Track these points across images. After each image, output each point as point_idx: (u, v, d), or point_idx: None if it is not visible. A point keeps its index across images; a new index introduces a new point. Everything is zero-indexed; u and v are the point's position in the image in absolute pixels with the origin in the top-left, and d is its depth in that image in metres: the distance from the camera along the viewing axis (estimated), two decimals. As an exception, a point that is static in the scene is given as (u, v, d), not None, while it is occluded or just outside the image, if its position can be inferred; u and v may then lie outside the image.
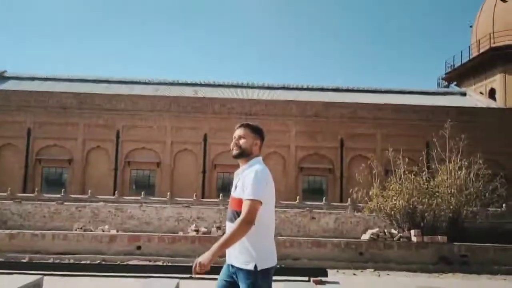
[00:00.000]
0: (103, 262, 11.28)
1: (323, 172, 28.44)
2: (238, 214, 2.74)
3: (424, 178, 13.76)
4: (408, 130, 27.69)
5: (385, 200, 13.60)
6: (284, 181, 28.10)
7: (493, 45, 31.03)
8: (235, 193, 2.87)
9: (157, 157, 27.88)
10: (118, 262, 11.24)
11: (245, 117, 28.10)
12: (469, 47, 34.67)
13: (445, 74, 37.99)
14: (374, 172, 14.81)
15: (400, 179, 14.45)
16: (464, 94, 34.08)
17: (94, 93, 28.39)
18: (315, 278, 8.80)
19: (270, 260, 2.80)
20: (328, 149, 28.24)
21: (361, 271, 11.06)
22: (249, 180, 2.76)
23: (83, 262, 10.49)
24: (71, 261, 11.20)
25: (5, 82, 32.41)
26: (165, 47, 78.80)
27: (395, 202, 13.51)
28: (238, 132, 3.03)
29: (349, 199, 15.40)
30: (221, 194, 22.36)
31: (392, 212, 13.38)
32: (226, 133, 28.01)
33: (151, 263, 10.98)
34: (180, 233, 12.63)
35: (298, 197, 23.96)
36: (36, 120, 27.29)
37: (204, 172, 27.87)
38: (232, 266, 2.82)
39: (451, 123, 17.12)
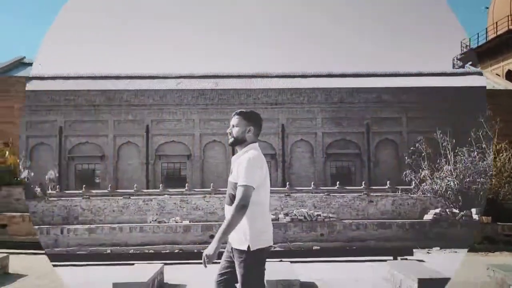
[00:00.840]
0: (181, 252, 11.77)
1: (351, 157, 28.92)
2: (232, 196, 2.94)
3: (476, 157, 14.20)
4: (433, 112, 28.05)
5: (439, 180, 14.07)
6: (312, 168, 28.63)
7: (511, 27, 31.24)
8: (231, 177, 3.04)
9: (187, 149, 28.33)
10: (195, 251, 11.75)
11: (271, 107, 28.59)
12: (486, 29, 34.83)
13: (461, 54, 38.17)
14: (423, 154, 15.21)
15: (448, 160, 14.90)
16: (480, 74, 34.35)
17: (122, 89, 28.72)
18: (404, 257, 9.32)
19: (263, 241, 2.93)
20: (355, 134, 28.69)
21: (428, 250, 11.55)
22: (242, 166, 2.90)
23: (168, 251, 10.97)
24: (151, 251, 11.70)
25: (29, 82, 32.66)
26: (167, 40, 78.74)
27: (448, 182, 13.99)
28: (232, 121, 3.17)
29: (412, 182, 15.72)
30: (288, 183, 22.82)
31: (448, 193, 13.86)
32: (253, 123, 28.50)
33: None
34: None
35: (312, 182, 24.49)
36: (67, 119, 27.68)
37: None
38: (231, 246, 3.01)
39: (488, 106, 17.46)
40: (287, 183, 23.05)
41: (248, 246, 2.87)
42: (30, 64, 32.77)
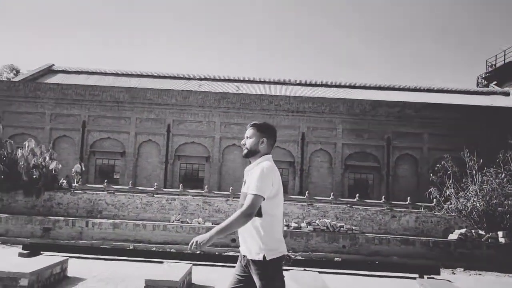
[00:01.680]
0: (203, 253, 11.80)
1: (369, 170, 28.74)
2: None
3: (504, 179, 14.02)
4: (456, 130, 27.79)
5: (464, 200, 13.92)
6: (330, 178, 28.53)
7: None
8: (243, 188, 3.07)
9: (206, 151, 28.46)
10: (216, 253, 11.79)
11: (292, 114, 28.61)
12: (513, 47, 34.41)
13: (486, 73, 37.84)
14: (448, 172, 15.06)
15: (473, 180, 14.73)
16: (507, 94, 33.99)
17: (146, 87, 29.04)
18: (430, 276, 9.23)
19: (278, 250, 2.95)
20: (375, 147, 28.51)
21: (452, 271, 11.41)
22: (255, 177, 2.93)
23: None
24: (172, 250, 11.76)
25: (55, 76, 33.30)
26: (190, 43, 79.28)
27: (474, 203, 13.82)
28: (246, 132, 3.21)
29: (434, 199, 15.61)
30: (307, 192, 22.83)
31: (474, 214, 13.70)
32: (274, 129, 28.54)
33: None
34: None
35: (331, 193, 24.37)
36: (91, 114, 28.04)
37: (250, 167, 28.39)
38: (244, 257, 2.99)
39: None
40: (307, 192, 22.97)
41: (264, 256, 2.89)
42: (60, 72, 33.42)
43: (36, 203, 13.78)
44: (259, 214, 2.90)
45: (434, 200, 18.09)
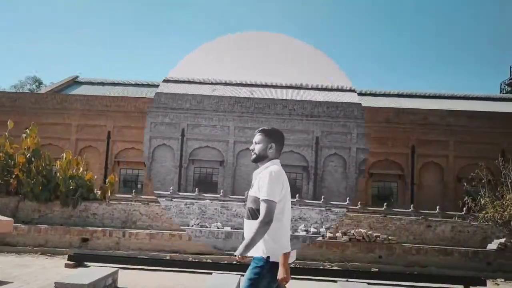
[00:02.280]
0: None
1: (393, 178, 28.49)
2: (252, 210, 3.01)
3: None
4: (482, 138, 27.43)
5: (501, 210, 13.70)
6: (344, 183, 28.25)
7: None
8: (251, 191, 3.10)
9: (220, 155, 28.45)
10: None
11: (306, 119, 28.48)
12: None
13: (510, 79, 37.41)
14: (483, 180, 14.85)
15: (509, 188, 14.50)
16: (531, 100, 33.46)
17: (161, 92, 29.29)
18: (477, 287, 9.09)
19: (283, 252, 2.95)
20: (399, 155, 28.26)
21: (492, 281, 11.20)
22: (264, 182, 2.96)
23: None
24: (209, 260, 11.77)
25: (79, 87, 33.86)
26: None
27: (511, 212, 13.59)
28: (255, 138, 3.25)
29: (464, 208, 15.44)
30: (322, 197, 22.75)
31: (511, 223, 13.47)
32: (288, 134, 28.31)
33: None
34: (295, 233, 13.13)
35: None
36: (116, 124, 28.35)
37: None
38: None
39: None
40: (322, 197, 22.84)
41: (268, 257, 2.93)
42: (84, 83, 33.95)
43: (72, 214, 13.97)
44: None
45: (464, 209, 17.82)
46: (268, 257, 2.94)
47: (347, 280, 8.70)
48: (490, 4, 76.85)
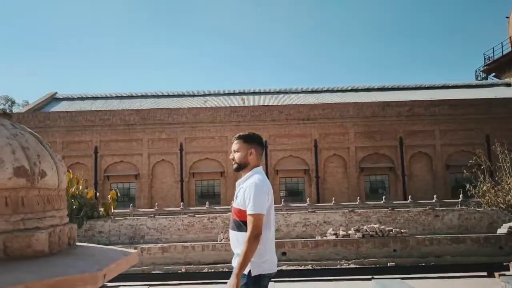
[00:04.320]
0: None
1: (384, 171, 28.80)
2: (237, 222, 2.88)
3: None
4: (466, 125, 28.04)
5: (503, 194, 13.98)
6: (346, 182, 28.54)
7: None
8: (235, 203, 2.96)
9: (220, 166, 28.32)
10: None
11: (303, 122, 28.63)
12: (510, 38, 34.95)
13: (484, 66, 38.30)
14: (482, 167, 15.14)
15: (510, 172, 14.83)
16: (508, 85, 34.38)
17: (156, 108, 28.95)
18: (501, 272, 9.19)
19: (265, 267, 2.85)
20: (388, 148, 28.62)
21: (506, 265, 11.37)
22: (250, 195, 2.82)
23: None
24: (225, 269, 11.61)
25: (59, 103, 33.03)
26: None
27: (514, 195, 13.91)
28: (233, 146, 3.12)
29: (460, 195, 15.71)
30: (358, 198, 22.69)
31: (514, 205, 13.77)
32: (286, 139, 28.53)
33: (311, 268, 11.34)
34: (318, 237, 13.08)
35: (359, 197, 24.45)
36: (102, 139, 27.83)
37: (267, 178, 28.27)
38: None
39: None
40: (333, 199, 22.90)
41: (250, 271, 2.80)
42: (63, 99, 33.25)
43: (78, 234, 13.54)
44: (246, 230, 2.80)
45: (461, 196, 18.16)
46: (250, 271, 2.80)
47: (382, 278, 8.67)
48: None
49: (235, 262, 2.93)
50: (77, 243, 2.37)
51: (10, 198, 1.78)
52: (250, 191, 2.84)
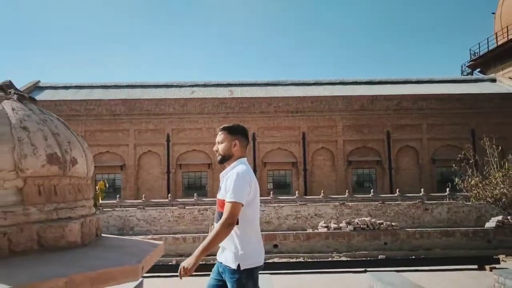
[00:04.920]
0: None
1: (372, 164, 29.02)
2: (221, 214, 2.81)
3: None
4: (453, 119, 28.39)
5: (491, 188, 14.19)
6: (333, 175, 28.68)
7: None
8: (219, 195, 2.93)
9: (208, 158, 28.16)
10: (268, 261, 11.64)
11: (292, 115, 28.63)
12: (496, 34, 35.39)
13: (470, 61, 38.75)
14: (471, 161, 15.33)
15: (498, 166, 15.04)
16: (493, 80, 34.83)
17: (143, 98, 28.59)
18: (492, 265, 9.34)
19: (254, 260, 2.83)
20: (375, 141, 28.82)
21: (503, 258, 11.54)
22: (230, 183, 2.79)
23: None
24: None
25: (42, 92, 32.33)
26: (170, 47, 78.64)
27: (501, 189, 14.11)
28: (217, 137, 3.06)
29: (447, 189, 15.92)
30: (346, 191, 22.73)
31: (503, 200, 13.97)
32: (274, 132, 28.51)
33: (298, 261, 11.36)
34: (310, 230, 13.11)
35: (347, 190, 24.68)
36: (87, 129, 27.40)
37: (254, 170, 28.22)
38: (221, 263, 2.91)
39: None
40: (322, 192, 22.98)
41: (239, 265, 2.78)
42: (46, 88, 32.56)
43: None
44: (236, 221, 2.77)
45: (447, 189, 18.41)
46: (239, 265, 2.77)
47: (377, 270, 8.71)
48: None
49: (222, 257, 2.89)
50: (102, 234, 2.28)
51: (43, 187, 1.68)
52: (231, 180, 2.80)
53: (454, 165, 16.10)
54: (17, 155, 1.62)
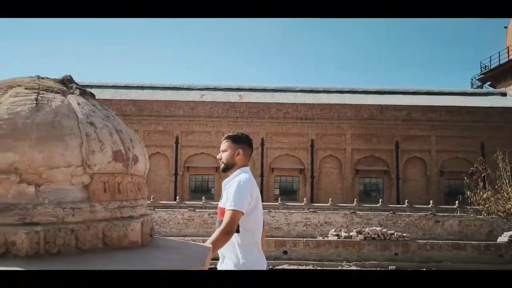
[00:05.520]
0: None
1: (379, 174, 28.91)
2: (222, 222, 2.78)
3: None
4: (462, 132, 28.25)
5: (503, 202, 14.06)
6: (340, 184, 28.58)
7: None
8: (221, 203, 2.91)
9: (215, 162, 28.10)
10: (270, 267, 11.59)
11: (300, 122, 28.60)
12: (508, 47, 35.27)
13: (481, 74, 38.63)
14: (483, 175, 15.22)
15: (510, 181, 14.92)
16: (504, 94, 34.68)
17: (153, 99, 28.66)
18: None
19: (255, 269, 2.80)
20: (384, 151, 28.71)
21: None
22: (232, 191, 2.78)
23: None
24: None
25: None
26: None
27: (514, 204, 13.99)
28: (221, 146, 3.07)
29: (457, 202, 15.81)
30: (355, 200, 22.61)
31: (515, 214, 13.86)
32: (282, 138, 28.47)
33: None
34: (319, 238, 13.03)
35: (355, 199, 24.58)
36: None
37: (261, 176, 28.21)
38: None
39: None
40: (331, 200, 22.88)
41: None
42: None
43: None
44: (237, 230, 2.73)
45: (457, 202, 18.30)
46: None
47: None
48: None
49: (223, 266, 2.85)
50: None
51: (108, 184, 1.65)
52: (233, 188, 2.79)
53: (466, 178, 15.96)
54: (85, 151, 1.59)
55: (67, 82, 1.89)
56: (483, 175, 15.38)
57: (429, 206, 20.12)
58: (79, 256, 1.47)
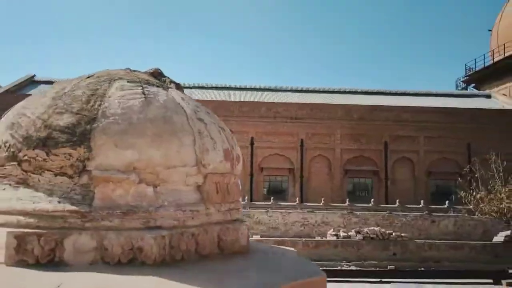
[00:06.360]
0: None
1: (368, 174, 29.04)
2: None
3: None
4: (450, 133, 28.57)
5: (497, 203, 14.27)
6: (330, 183, 28.62)
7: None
8: None
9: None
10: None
11: (291, 121, 28.55)
12: (493, 51, 35.84)
13: (465, 76, 39.16)
14: (476, 175, 15.41)
15: (503, 182, 15.14)
16: (489, 96, 35.21)
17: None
18: (508, 281, 9.34)
19: None
20: (373, 151, 28.86)
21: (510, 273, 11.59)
22: None
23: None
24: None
25: (37, 87, 31.70)
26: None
27: (507, 204, 14.20)
28: None
29: (447, 201, 15.98)
30: (347, 199, 22.59)
31: (510, 215, 14.06)
32: (272, 137, 28.37)
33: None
34: (317, 238, 12.99)
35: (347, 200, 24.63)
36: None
37: (251, 175, 28.07)
38: None
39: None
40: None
41: None
42: (42, 82, 31.96)
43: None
44: None
45: (447, 202, 18.52)
46: None
47: (393, 281, 8.66)
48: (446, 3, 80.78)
49: None
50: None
51: (219, 184, 1.53)
52: None
53: (459, 178, 16.14)
54: (199, 149, 1.47)
55: (158, 76, 1.76)
56: (476, 175, 15.56)
57: (420, 206, 20.29)
58: (201, 263, 1.35)
